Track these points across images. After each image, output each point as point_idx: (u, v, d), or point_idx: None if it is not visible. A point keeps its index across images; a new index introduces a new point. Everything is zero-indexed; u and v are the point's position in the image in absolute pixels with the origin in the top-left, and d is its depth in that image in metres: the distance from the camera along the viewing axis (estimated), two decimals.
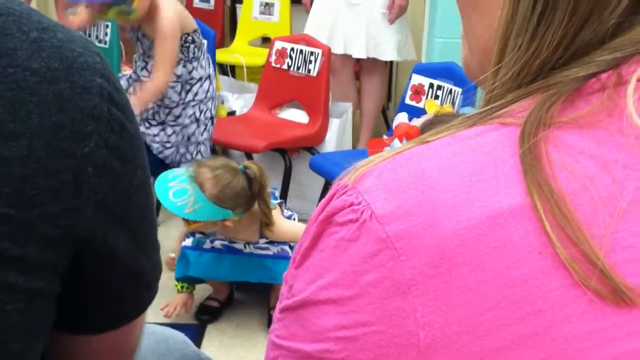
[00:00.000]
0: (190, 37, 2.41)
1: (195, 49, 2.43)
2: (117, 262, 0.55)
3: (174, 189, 1.82)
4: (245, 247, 2.00)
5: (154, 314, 2.13)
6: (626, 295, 0.34)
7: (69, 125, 0.48)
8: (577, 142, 0.37)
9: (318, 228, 0.40)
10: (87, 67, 0.51)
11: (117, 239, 0.54)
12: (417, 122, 1.41)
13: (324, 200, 0.40)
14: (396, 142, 1.35)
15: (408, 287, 0.36)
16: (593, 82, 0.38)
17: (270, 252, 2.00)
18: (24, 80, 0.47)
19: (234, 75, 3.46)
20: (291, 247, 2.03)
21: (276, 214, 1.95)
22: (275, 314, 0.42)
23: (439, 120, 1.42)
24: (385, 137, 1.48)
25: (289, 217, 2.04)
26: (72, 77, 0.49)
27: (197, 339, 2.02)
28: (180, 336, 0.86)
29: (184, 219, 1.85)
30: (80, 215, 0.50)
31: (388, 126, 3.50)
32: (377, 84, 3.14)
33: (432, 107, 1.47)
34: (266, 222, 1.92)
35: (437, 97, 2.29)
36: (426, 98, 2.33)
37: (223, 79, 3.14)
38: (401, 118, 1.47)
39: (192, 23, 2.44)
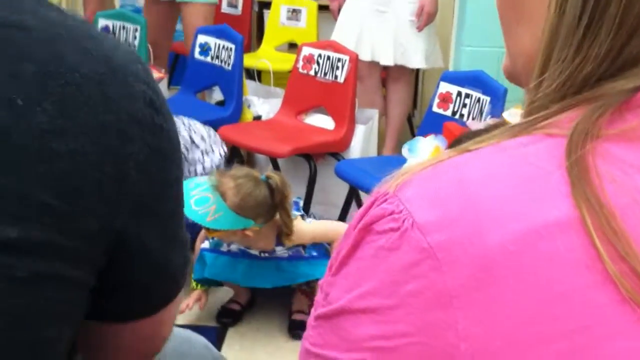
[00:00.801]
0: None
1: None
2: (147, 256, 0.58)
3: (196, 197, 1.82)
4: (260, 254, 2.01)
5: (185, 313, 2.13)
6: None
7: (115, 126, 0.51)
8: (626, 155, 0.36)
9: (357, 236, 0.39)
10: (131, 73, 0.54)
11: (148, 234, 0.57)
12: (477, 125, 1.39)
13: (363, 207, 0.40)
14: (432, 137, 1.34)
15: (450, 299, 0.35)
16: None
17: (285, 255, 2.01)
18: (74, 80, 0.50)
19: (260, 80, 3.48)
20: (304, 248, 2.03)
21: (296, 222, 1.94)
22: (310, 321, 0.42)
23: (467, 135, 1.40)
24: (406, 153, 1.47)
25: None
26: (117, 81, 0.53)
27: (218, 342, 2.02)
28: (201, 340, 0.87)
29: (205, 227, 1.86)
30: (119, 210, 0.53)
31: (413, 133, 3.48)
32: (404, 92, 3.13)
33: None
34: (286, 233, 1.91)
35: (464, 105, 2.28)
36: (454, 106, 2.32)
37: (250, 83, 3.15)
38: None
39: None
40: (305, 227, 1.96)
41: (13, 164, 0.47)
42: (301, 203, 2.18)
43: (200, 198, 1.82)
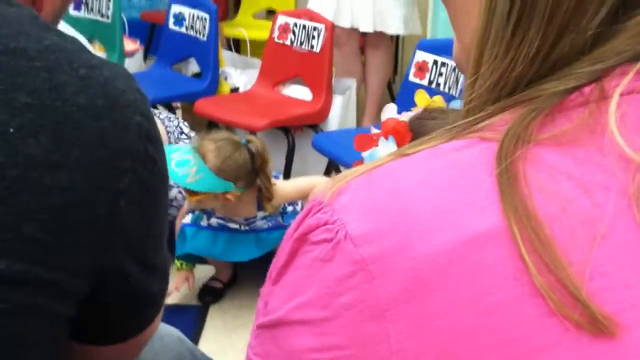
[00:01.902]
0: None
1: None
2: (129, 286, 0.58)
3: (176, 159, 1.83)
4: (240, 227, 2.02)
5: None
6: (604, 325, 0.33)
7: (108, 161, 0.51)
8: (557, 161, 0.35)
9: (293, 245, 0.39)
10: (129, 104, 0.54)
11: (132, 266, 0.57)
12: (406, 116, 1.38)
13: (299, 216, 0.40)
14: (382, 141, 1.32)
15: (382, 312, 0.35)
16: (575, 96, 0.37)
17: (265, 226, 2.02)
18: (71, 114, 0.49)
19: (238, 50, 3.42)
20: (283, 216, 2.04)
21: (277, 183, 1.97)
22: (253, 329, 0.42)
23: (428, 116, 1.38)
24: (373, 130, 1.44)
25: None
26: (114, 114, 0.52)
27: (200, 320, 2.04)
28: (175, 333, 0.87)
29: (185, 189, 1.87)
30: (108, 246, 0.53)
31: (394, 100, 3.46)
32: (383, 59, 3.09)
33: (422, 100, 1.43)
34: (267, 197, 1.93)
35: (440, 74, 2.25)
36: (430, 75, 2.30)
37: (226, 54, 3.10)
38: (390, 110, 1.43)
39: None
40: (283, 188, 1.99)
41: (4, 195, 0.46)
42: (281, 177, 2.17)
43: (181, 160, 1.83)
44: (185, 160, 1.83)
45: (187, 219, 2.04)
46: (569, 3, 0.36)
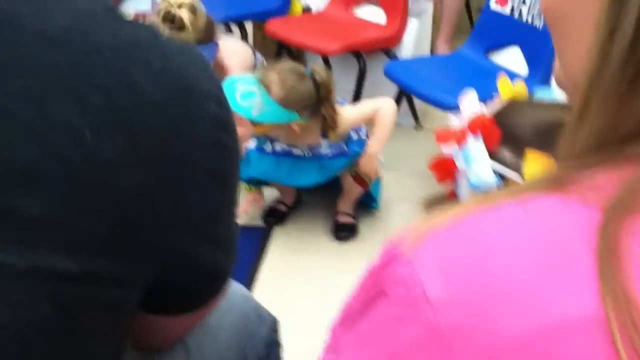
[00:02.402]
0: None
1: None
2: (198, 265, 0.59)
3: (241, 91, 1.83)
4: (304, 153, 2.02)
5: None
6: None
7: (179, 154, 0.51)
8: None
9: (370, 292, 0.37)
10: (204, 94, 0.53)
11: (200, 247, 0.58)
12: (490, 109, 1.30)
13: (379, 258, 0.38)
14: (471, 139, 1.24)
15: None
16: None
17: (329, 153, 2.02)
18: (147, 114, 0.49)
19: None
20: (347, 143, 2.02)
21: (341, 109, 1.96)
22: None
23: (513, 108, 1.29)
24: (454, 123, 1.35)
25: None
26: (188, 106, 0.52)
27: (263, 242, 2.09)
28: (240, 291, 0.86)
29: (250, 121, 1.87)
30: (175, 234, 0.53)
31: (472, 24, 3.31)
32: None
33: (505, 89, 1.33)
34: (331, 126, 1.92)
35: (524, 2, 2.13)
36: (512, 2, 2.17)
37: None
38: (470, 99, 1.34)
39: None
40: (348, 114, 1.97)
41: (76, 196, 0.46)
42: (346, 103, 2.14)
43: (245, 92, 1.83)
44: (249, 92, 1.83)
45: (252, 144, 2.06)
46: None
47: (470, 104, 1.34)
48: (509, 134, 1.21)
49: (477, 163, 1.19)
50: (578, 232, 0.33)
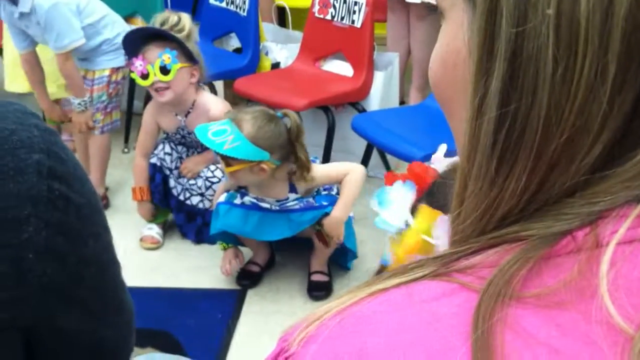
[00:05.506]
0: None
1: None
2: (70, 339, 0.54)
3: (213, 130, 1.88)
4: (271, 207, 2.03)
5: (205, 276, 2.17)
6: None
7: (4, 215, 0.47)
8: (538, 330, 0.32)
9: None
10: (22, 144, 0.49)
11: (67, 318, 0.52)
12: (441, 164, 1.29)
13: (271, 352, 0.38)
14: (398, 184, 1.24)
15: None
16: (567, 242, 0.33)
17: (297, 207, 2.02)
18: None
19: (283, 20, 3.36)
20: (314, 198, 2.05)
21: (313, 166, 1.99)
22: None
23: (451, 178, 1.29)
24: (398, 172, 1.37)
25: None
26: (3, 160, 0.47)
27: (238, 305, 2.06)
28: None
29: (222, 158, 1.91)
30: (25, 304, 0.48)
31: None
32: (430, 30, 2.98)
33: None
34: (306, 169, 1.94)
35: None
36: None
37: (267, 27, 3.05)
38: (443, 150, 1.34)
39: None
40: (320, 172, 2.01)
41: None
42: (317, 161, 2.15)
43: (217, 130, 1.88)
44: (222, 130, 1.88)
45: (222, 198, 2.07)
46: (558, 140, 0.32)
47: (440, 159, 1.34)
48: (438, 191, 1.21)
49: (390, 208, 1.19)
50: (456, 322, 0.33)
